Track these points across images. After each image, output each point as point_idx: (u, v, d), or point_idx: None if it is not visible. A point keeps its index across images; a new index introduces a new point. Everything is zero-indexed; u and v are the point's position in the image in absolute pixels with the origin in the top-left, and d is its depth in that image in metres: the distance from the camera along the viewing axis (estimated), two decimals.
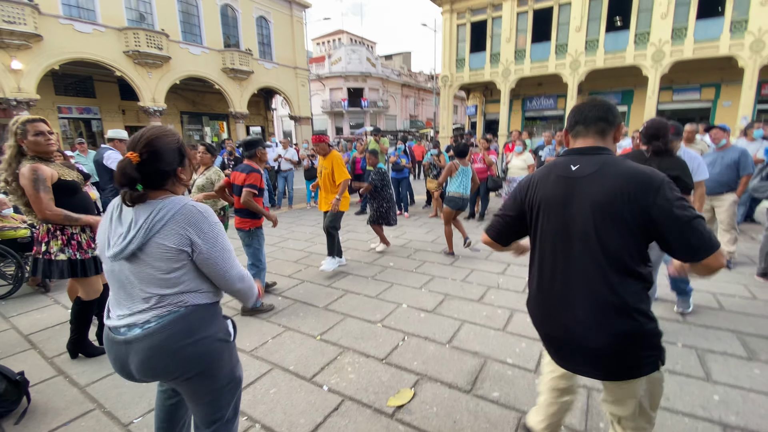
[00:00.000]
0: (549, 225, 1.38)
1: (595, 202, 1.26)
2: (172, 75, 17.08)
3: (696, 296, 3.68)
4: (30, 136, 2.41)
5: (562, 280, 1.35)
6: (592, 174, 1.30)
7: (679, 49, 15.94)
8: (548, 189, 1.39)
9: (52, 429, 2.13)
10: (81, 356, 2.84)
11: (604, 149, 1.36)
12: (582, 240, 1.29)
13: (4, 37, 12.11)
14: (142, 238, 1.24)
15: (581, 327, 1.30)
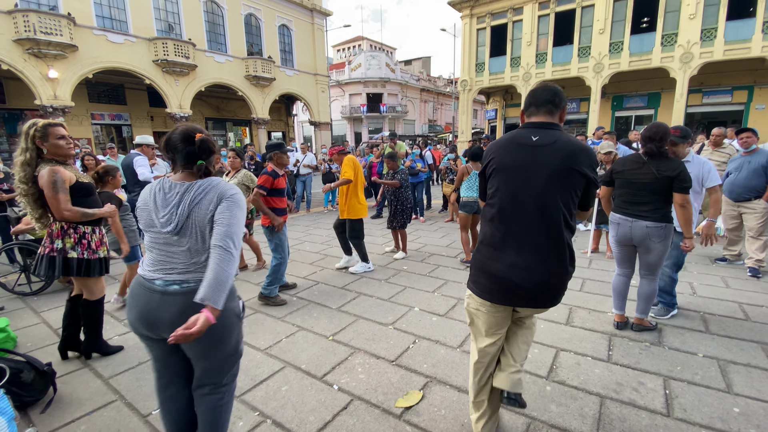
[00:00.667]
0: (508, 185, 1.66)
1: (553, 167, 1.57)
2: (198, 82, 17.68)
3: (721, 306, 3.56)
4: (52, 139, 2.47)
5: (512, 231, 1.64)
6: (551, 144, 1.60)
7: (708, 51, 15.40)
8: (509, 155, 1.68)
9: (76, 418, 2.25)
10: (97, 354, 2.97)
11: (556, 125, 1.66)
12: (538, 199, 1.58)
13: (42, 47, 12.82)
14: (186, 213, 1.50)
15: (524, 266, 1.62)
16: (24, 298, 4.16)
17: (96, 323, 2.87)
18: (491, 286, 1.70)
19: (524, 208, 1.61)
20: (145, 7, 15.87)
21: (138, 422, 2.20)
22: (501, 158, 1.69)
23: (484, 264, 1.72)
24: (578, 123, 20.63)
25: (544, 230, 1.59)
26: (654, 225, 2.80)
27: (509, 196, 1.65)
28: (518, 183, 1.63)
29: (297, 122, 30.15)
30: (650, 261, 2.93)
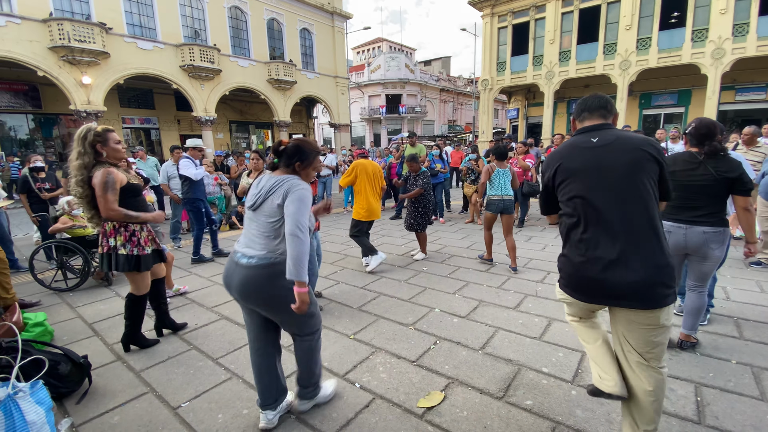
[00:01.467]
0: (584, 188, 1.64)
1: (624, 161, 1.59)
2: (222, 86, 18.14)
3: (755, 311, 3.41)
4: (111, 143, 2.70)
5: (601, 230, 1.60)
6: (613, 142, 1.63)
7: (741, 46, 14.77)
8: (575, 161, 1.68)
9: (110, 409, 2.35)
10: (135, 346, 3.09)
11: (611, 125, 1.71)
12: (620, 194, 1.58)
13: (76, 54, 13.43)
14: (264, 196, 1.93)
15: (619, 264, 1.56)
16: (60, 293, 4.36)
17: (138, 317, 3.01)
18: (587, 290, 1.67)
19: (609, 205, 1.59)
20: (173, 15, 16.41)
21: (168, 414, 2.28)
22: (567, 165, 1.70)
23: (579, 269, 1.67)
24: None
25: (633, 221, 1.56)
26: (712, 230, 2.55)
27: (590, 198, 1.63)
28: (594, 183, 1.62)
29: (317, 124, 30.51)
30: (705, 270, 2.67)
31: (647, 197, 1.56)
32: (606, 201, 1.60)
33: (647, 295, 1.54)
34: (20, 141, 15.97)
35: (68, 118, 16.21)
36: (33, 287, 4.50)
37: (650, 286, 1.53)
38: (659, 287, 1.53)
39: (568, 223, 1.72)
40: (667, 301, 1.55)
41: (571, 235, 1.72)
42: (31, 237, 7.29)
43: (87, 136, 2.62)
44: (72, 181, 2.67)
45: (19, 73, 14.27)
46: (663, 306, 1.56)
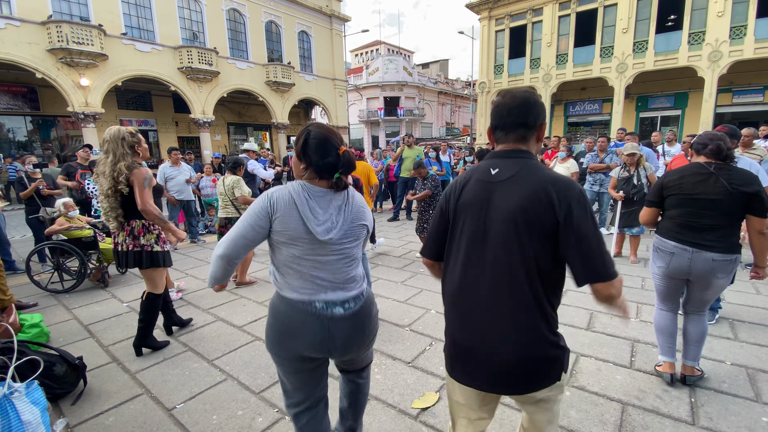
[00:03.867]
0: (467, 231, 1.29)
1: (511, 208, 1.19)
2: (221, 88, 18.16)
3: (751, 313, 3.43)
4: (143, 143, 2.87)
5: (475, 291, 1.26)
6: (510, 179, 1.23)
7: (738, 49, 14.87)
8: (468, 193, 1.31)
9: (104, 410, 2.34)
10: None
11: (524, 153, 1.28)
12: (498, 247, 1.21)
13: (75, 56, 13.43)
14: (347, 220, 1.50)
15: (489, 340, 1.23)
16: (56, 295, 4.35)
17: (154, 318, 3.03)
18: (455, 356, 1.35)
19: (483, 256, 1.25)
20: (171, 17, 16.45)
21: (163, 415, 2.28)
22: (464, 196, 1.33)
23: (449, 330, 1.38)
24: (601, 125, 20.20)
25: (507, 289, 1.21)
26: (722, 258, 2.18)
27: (468, 242, 1.29)
28: (475, 226, 1.27)
29: None
30: (706, 299, 2.36)
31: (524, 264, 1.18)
32: (481, 253, 1.26)
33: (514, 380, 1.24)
34: (18, 143, 15.95)
35: (66, 120, 16.21)
36: (29, 289, 4.49)
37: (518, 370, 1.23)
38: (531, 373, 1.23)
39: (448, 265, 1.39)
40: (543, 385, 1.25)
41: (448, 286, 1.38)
42: (27, 238, 7.28)
43: (126, 138, 2.75)
44: (105, 180, 2.73)
45: (18, 75, 14.27)
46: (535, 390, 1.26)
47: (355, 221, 1.51)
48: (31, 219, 5.40)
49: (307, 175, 1.47)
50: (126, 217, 2.86)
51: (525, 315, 1.20)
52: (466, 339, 1.29)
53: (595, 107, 20.37)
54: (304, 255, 1.44)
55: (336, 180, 1.47)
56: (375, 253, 5.82)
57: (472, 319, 1.27)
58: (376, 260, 5.42)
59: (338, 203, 1.49)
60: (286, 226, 1.41)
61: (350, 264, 1.52)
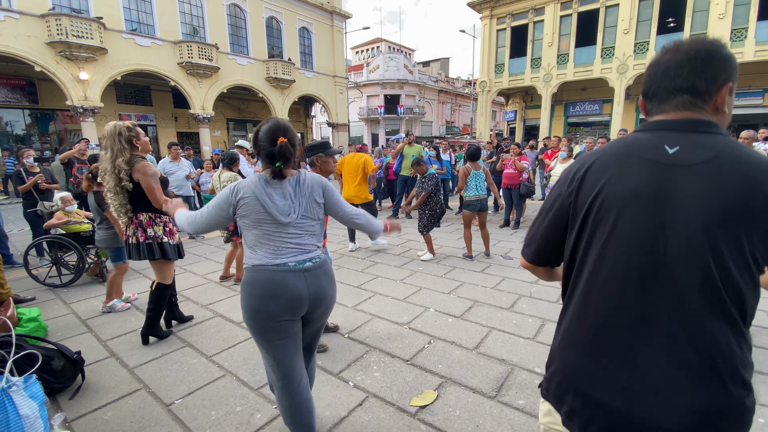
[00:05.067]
0: (623, 235, 0.87)
1: (713, 209, 0.79)
2: (221, 84, 18.10)
3: None
4: (142, 137, 2.85)
5: (631, 323, 0.87)
6: (705, 163, 0.82)
7: (739, 52, 14.88)
8: (628, 179, 0.87)
9: (102, 405, 2.34)
10: (134, 341, 3.09)
11: (714, 125, 0.88)
12: (682, 263, 0.82)
13: (74, 50, 13.35)
14: (305, 202, 1.72)
15: (652, 395, 0.84)
16: (54, 289, 4.34)
17: (161, 307, 3.08)
18: (586, 414, 0.92)
19: (661, 279, 0.84)
20: (171, 12, 16.36)
21: (161, 411, 2.28)
22: (614, 183, 0.89)
23: (576, 377, 0.96)
24: (601, 125, 20.22)
25: (690, 326, 0.82)
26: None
27: (630, 259, 0.87)
28: (647, 230, 0.85)
29: (315, 123, 30.50)
30: None
31: (728, 287, 0.80)
32: (656, 275, 0.84)
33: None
34: (17, 136, 15.86)
35: (65, 113, 16.12)
36: (27, 283, 4.47)
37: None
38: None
39: (579, 289, 0.97)
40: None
41: (574, 316, 0.99)
42: (25, 232, 7.25)
43: (122, 133, 2.73)
44: (110, 178, 2.72)
45: (17, 68, 14.19)
46: None
47: (311, 200, 1.74)
48: (29, 213, 5.38)
49: (263, 164, 1.72)
50: (134, 211, 2.89)
51: (715, 365, 0.82)
52: (617, 396, 0.88)
53: (595, 108, 20.38)
54: (271, 233, 1.68)
55: (277, 169, 1.66)
56: (372, 251, 5.82)
57: (633, 367, 0.86)
58: (376, 258, 5.42)
59: (292, 188, 1.71)
60: (250, 211, 1.66)
61: (312, 236, 1.78)
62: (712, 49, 0.87)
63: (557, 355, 1.02)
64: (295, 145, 1.69)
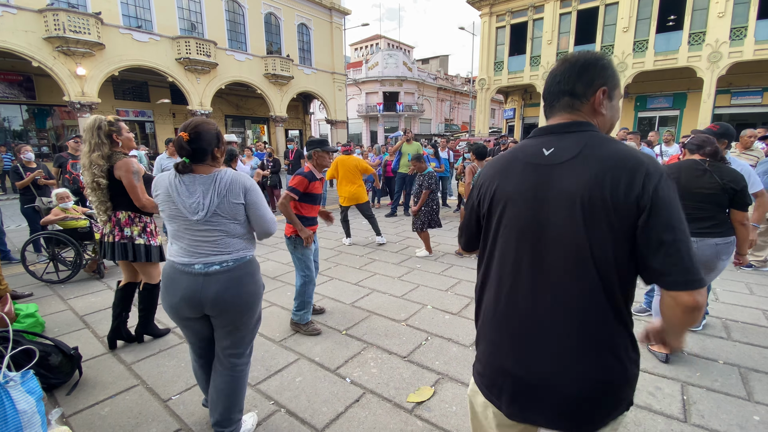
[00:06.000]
0: (513, 228, 1.03)
1: (576, 197, 0.92)
2: (219, 80, 18.03)
3: (744, 313, 3.46)
4: (124, 132, 2.75)
5: (525, 304, 1.02)
6: (572, 160, 0.96)
7: (738, 50, 14.90)
8: (513, 180, 1.04)
9: (100, 401, 2.35)
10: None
11: (585, 124, 1.01)
12: (558, 248, 0.96)
13: (71, 45, 13.28)
14: (217, 201, 1.68)
15: (550, 365, 0.99)
16: (52, 285, 4.33)
17: (152, 307, 3.03)
18: (500, 383, 1.08)
19: (545, 264, 0.99)
20: (169, 7, 16.27)
21: (158, 406, 2.28)
22: (501, 184, 1.07)
23: (491, 349, 1.11)
24: None
25: (573, 304, 0.96)
26: (723, 241, 2.48)
27: (519, 247, 1.03)
28: (528, 222, 1.01)
29: (314, 120, 30.43)
30: (709, 282, 2.58)
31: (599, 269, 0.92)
32: (539, 261, 0.99)
33: (579, 415, 0.99)
34: (14, 132, 15.78)
35: (62, 109, 16.04)
36: (25, 279, 4.46)
37: (585, 403, 0.98)
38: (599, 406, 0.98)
39: (485, 278, 1.14)
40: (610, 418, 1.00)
41: (486, 300, 1.13)
42: (22, 228, 7.23)
43: (102, 127, 2.62)
44: (87, 173, 2.64)
45: (14, 63, 14.10)
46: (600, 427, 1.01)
47: (226, 201, 1.70)
48: (26, 209, 5.36)
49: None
50: (114, 209, 2.79)
51: (603, 331, 0.95)
52: (521, 366, 1.03)
53: None
54: (183, 229, 1.72)
55: (179, 164, 1.69)
56: (372, 247, 5.83)
57: (530, 340, 1.01)
58: (373, 255, 5.43)
59: (204, 186, 1.69)
60: (164, 206, 1.73)
61: (230, 236, 1.75)
62: (590, 59, 1.03)
63: (480, 333, 1.18)
64: (202, 143, 1.69)
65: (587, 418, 0.99)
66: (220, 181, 1.70)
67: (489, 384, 1.12)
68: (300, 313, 3.17)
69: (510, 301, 1.05)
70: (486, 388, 1.13)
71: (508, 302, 1.05)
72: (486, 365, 1.13)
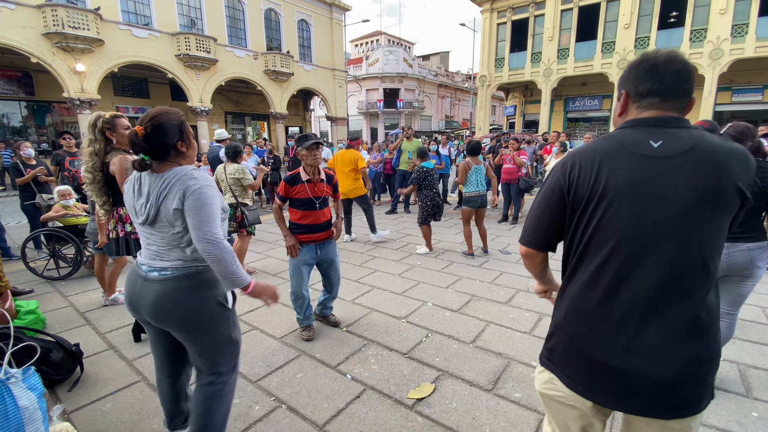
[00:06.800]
0: (619, 220, 1.03)
1: (694, 194, 0.97)
2: (218, 77, 17.97)
3: (743, 310, 3.44)
4: (120, 129, 2.74)
5: (628, 296, 1.03)
6: (686, 153, 0.99)
7: (739, 47, 14.85)
8: (623, 173, 1.02)
9: (101, 397, 2.35)
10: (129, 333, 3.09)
11: (687, 121, 1.06)
12: (669, 246, 0.99)
13: (70, 41, 13.22)
14: (155, 205, 1.50)
15: (648, 351, 1.01)
16: (52, 282, 4.34)
17: None
18: (590, 375, 1.09)
19: (647, 259, 1.01)
20: (169, 3, 16.20)
21: (159, 402, 2.28)
22: (610, 174, 1.04)
23: (580, 345, 1.12)
24: (600, 121, 20.19)
25: (682, 291, 1.00)
26: (757, 246, 2.22)
27: (625, 241, 1.03)
28: (639, 221, 1.01)
29: (314, 117, 30.36)
30: (744, 292, 2.31)
31: (703, 259, 0.99)
32: (648, 253, 1.01)
33: (681, 399, 1.02)
34: (13, 128, 15.76)
35: (62, 105, 16.00)
36: (25, 275, 4.47)
37: (687, 386, 1.02)
38: (699, 387, 1.03)
39: (585, 269, 1.11)
40: (705, 404, 1.05)
41: (578, 290, 1.13)
42: (22, 225, 7.24)
43: (96, 123, 2.67)
44: (83, 168, 2.71)
45: (13, 60, 14.06)
46: (699, 411, 1.05)
47: (163, 204, 1.49)
48: (26, 205, 5.36)
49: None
50: (114, 204, 2.83)
51: (699, 322, 1.00)
52: (618, 355, 1.04)
53: (595, 103, 20.33)
54: (139, 229, 1.62)
55: (137, 160, 1.51)
56: (372, 244, 5.84)
57: (631, 329, 1.03)
58: (374, 252, 5.43)
59: (149, 188, 1.53)
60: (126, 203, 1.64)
61: (169, 245, 1.55)
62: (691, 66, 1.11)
63: (561, 327, 1.17)
64: (164, 137, 1.50)
65: (683, 400, 1.02)
66: (164, 182, 1.50)
67: (573, 374, 1.13)
68: (299, 319, 3.08)
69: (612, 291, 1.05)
70: (569, 379, 1.14)
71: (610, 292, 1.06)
72: (571, 357, 1.14)
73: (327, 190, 3.02)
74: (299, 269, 2.95)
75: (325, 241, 3.03)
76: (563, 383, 1.15)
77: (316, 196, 2.94)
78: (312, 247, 2.99)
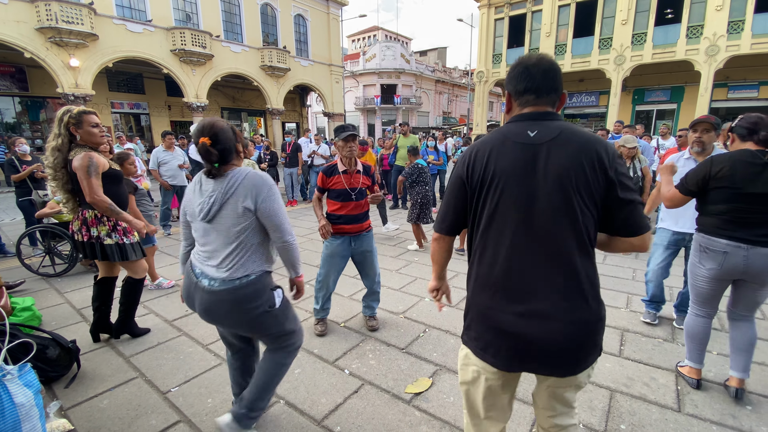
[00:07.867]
0: (505, 201, 1.20)
1: (562, 170, 1.14)
2: (214, 72, 17.81)
3: None
4: (86, 126, 2.56)
5: (519, 266, 1.19)
6: (554, 139, 1.17)
7: (735, 44, 14.87)
8: (508, 157, 1.20)
9: (98, 393, 2.35)
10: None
11: (558, 115, 1.25)
12: (546, 215, 1.15)
13: (64, 36, 13.05)
14: (220, 201, 1.61)
15: (540, 316, 1.17)
16: (48, 279, 4.32)
17: (134, 303, 2.97)
18: (497, 343, 1.24)
19: (531, 230, 1.18)
20: None
21: (157, 398, 2.29)
22: (497, 161, 1.21)
23: (487, 317, 1.26)
24: (597, 117, 20.22)
25: (561, 257, 1.17)
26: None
27: (513, 216, 1.20)
28: (523, 194, 1.18)
29: (311, 113, 30.24)
30: (760, 299, 2.19)
31: (571, 231, 1.15)
32: (528, 227, 1.18)
33: (571, 359, 1.19)
34: (6, 124, 15.60)
35: (56, 101, 15.83)
36: (20, 272, 4.44)
37: (575, 346, 1.18)
38: (587, 346, 1.20)
39: (482, 245, 1.27)
40: (591, 360, 1.23)
41: (480, 265, 1.29)
42: (17, 221, 7.18)
43: (63, 118, 2.52)
44: (46, 163, 2.58)
45: (6, 54, 13.87)
46: (588, 366, 1.23)
47: (232, 205, 1.61)
48: (22, 202, 5.32)
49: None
50: (80, 205, 2.69)
51: (581, 287, 1.17)
52: (516, 321, 1.18)
53: (591, 99, 20.36)
54: (195, 231, 1.73)
55: (208, 168, 1.65)
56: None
57: (525, 297, 1.18)
58: None
59: (213, 188, 1.63)
60: (185, 205, 1.76)
61: (230, 245, 1.64)
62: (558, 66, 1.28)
63: (472, 303, 1.32)
64: (227, 143, 1.64)
65: (574, 360, 1.19)
66: (231, 183, 1.62)
67: (484, 345, 1.27)
68: (315, 309, 3.10)
69: (506, 263, 1.21)
70: (481, 350, 1.28)
71: (505, 264, 1.21)
72: (481, 329, 1.28)
73: (365, 181, 3.02)
74: (330, 259, 2.99)
75: (360, 233, 3.02)
76: (476, 356, 1.30)
77: (353, 188, 2.94)
78: (347, 239, 2.99)
